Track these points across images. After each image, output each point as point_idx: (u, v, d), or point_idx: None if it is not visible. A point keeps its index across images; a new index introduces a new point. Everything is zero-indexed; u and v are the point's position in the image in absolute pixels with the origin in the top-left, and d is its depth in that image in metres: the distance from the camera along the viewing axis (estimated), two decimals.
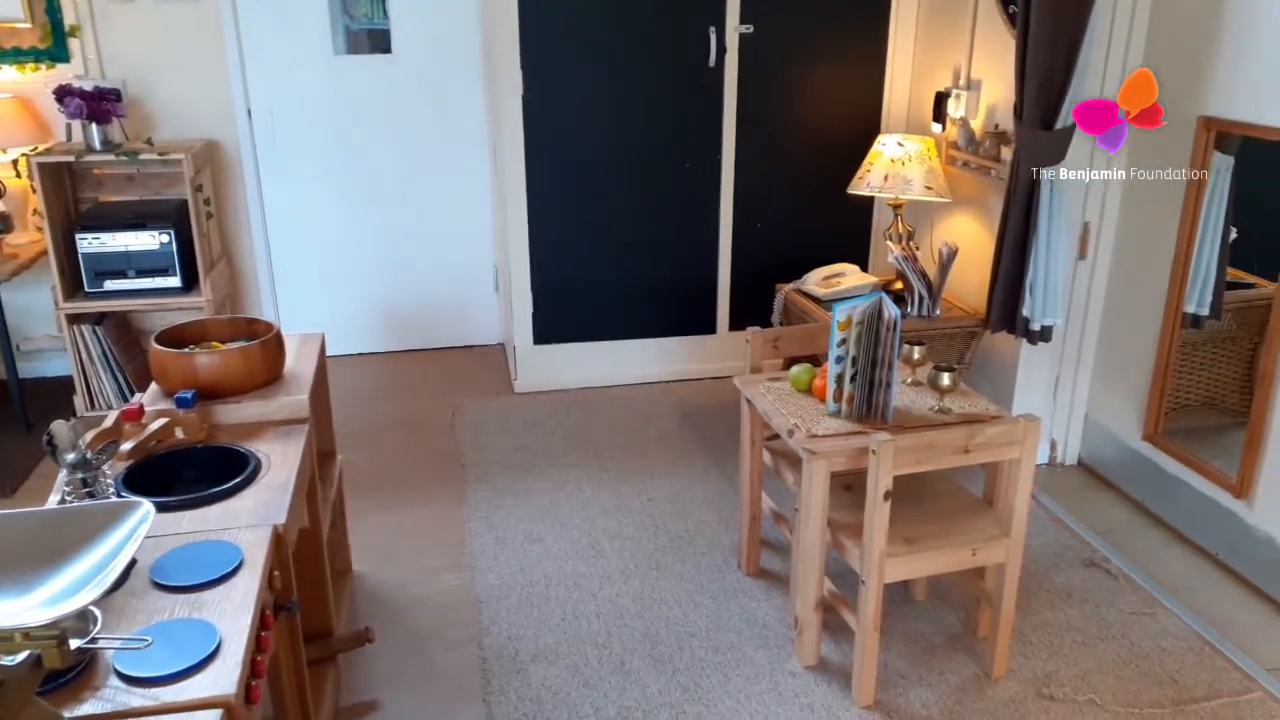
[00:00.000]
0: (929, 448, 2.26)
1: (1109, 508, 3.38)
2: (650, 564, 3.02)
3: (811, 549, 2.45)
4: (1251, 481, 2.87)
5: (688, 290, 4.35)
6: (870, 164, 3.78)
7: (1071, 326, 3.49)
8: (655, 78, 4.01)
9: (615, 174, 4.11)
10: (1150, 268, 3.21)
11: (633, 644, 2.65)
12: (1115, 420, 3.45)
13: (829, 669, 2.55)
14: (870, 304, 2.43)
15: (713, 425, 3.95)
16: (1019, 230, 3.18)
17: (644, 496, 3.42)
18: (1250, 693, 2.47)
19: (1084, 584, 2.93)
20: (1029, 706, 2.42)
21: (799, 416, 2.50)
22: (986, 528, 2.43)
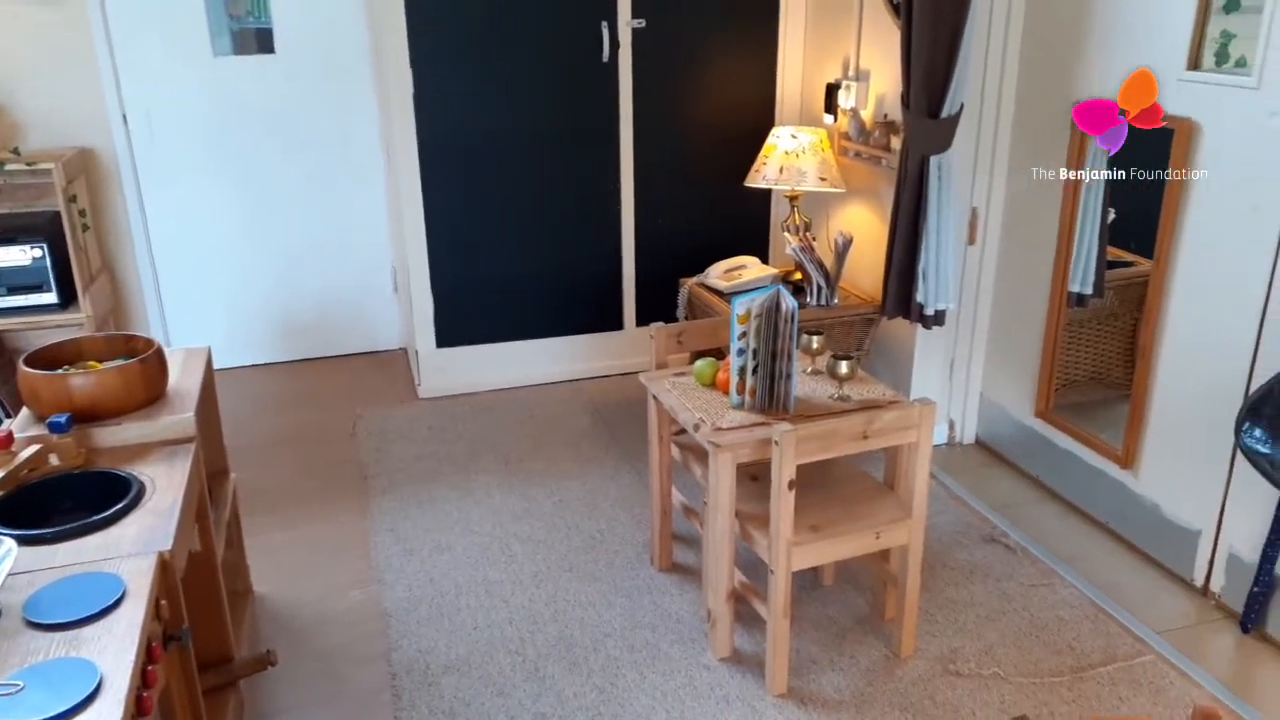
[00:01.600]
0: (829, 436, 2.29)
1: (1006, 484, 3.49)
2: (563, 566, 2.99)
3: (721, 541, 2.46)
4: (1136, 452, 2.99)
5: (593, 287, 4.33)
6: (765, 157, 3.82)
7: (964, 310, 3.59)
8: (550, 73, 3.97)
9: (513, 171, 4.06)
10: (1035, 250, 3.32)
11: (547, 648, 2.63)
12: (1009, 399, 3.57)
13: (743, 660, 2.57)
14: (768, 296, 2.44)
15: (623, 422, 3.94)
16: (910, 218, 3.25)
17: (555, 498, 3.38)
18: (1143, 655, 2.58)
19: (985, 560, 3.02)
20: (936, 684, 2.48)
21: (704, 411, 2.51)
22: (889, 511, 2.48)
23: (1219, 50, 2.58)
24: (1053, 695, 2.44)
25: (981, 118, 3.33)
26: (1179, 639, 2.64)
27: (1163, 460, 2.90)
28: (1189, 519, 2.83)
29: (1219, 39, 2.58)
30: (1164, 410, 2.88)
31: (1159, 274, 2.83)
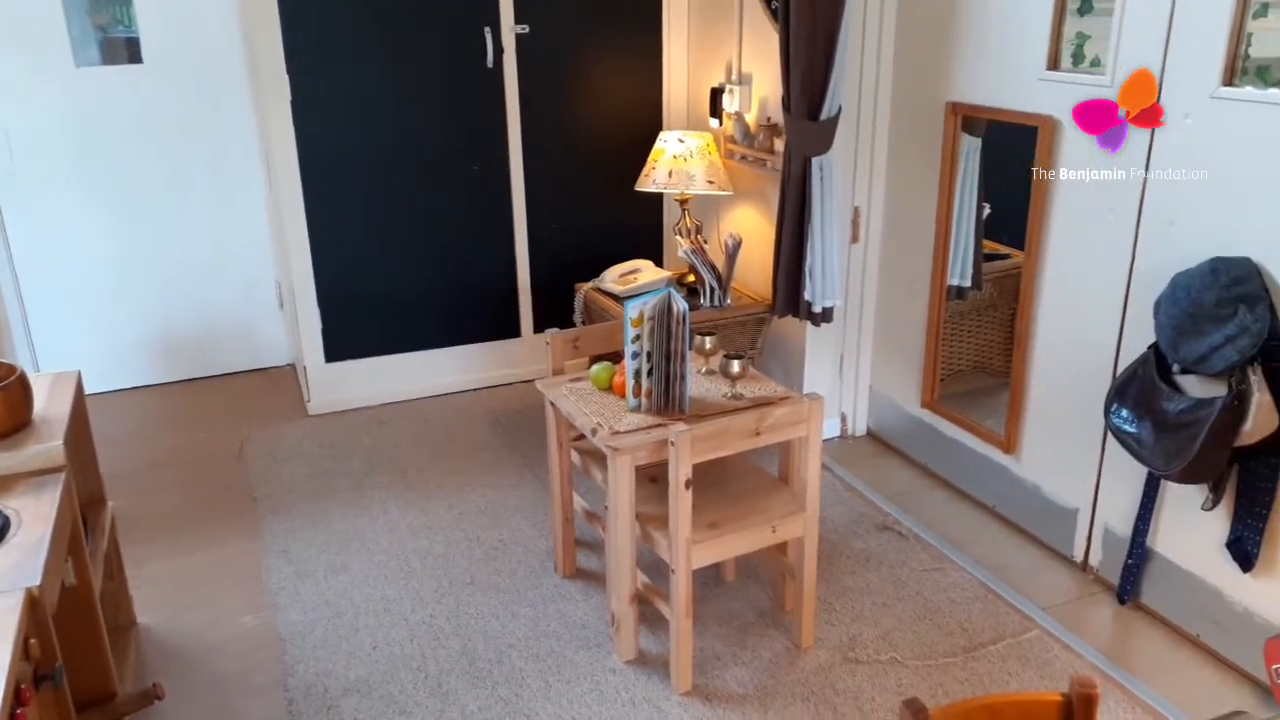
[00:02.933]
0: (723, 434, 2.32)
1: (897, 473, 3.59)
2: (464, 579, 2.95)
3: (622, 544, 2.46)
4: (1017, 437, 3.12)
5: (488, 295, 4.29)
6: (654, 161, 3.85)
7: (850, 306, 3.68)
8: (434, 80, 3.91)
9: (400, 180, 3.99)
10: (915, 246, 3.43)
11: (449, 664, 2.58)
12: (896, 390, 3.68)
13: (648, 661, 2.58)
14: (660, 299, 2.46)
15: (523, 430, 3.91)
16: (795, 218, 3.32)
17: (455, 510, 3.33)
18: (1030, 632, 2.69)
19: (880, 548, 3.10)
20: (837, 672, 2.54)
21: (601, 415, 2.51)
22: (784, 505, 2.52)
23: (1075, 51, 2.72)
24: (947, 676, 2.52)
25: (859, 119, 3.43)
26: (1062, 613, 2.77)
27: (1041, 444, 3.04)
28: (1067, 498, 2.96)
29: (1075, 40, 2.72)
30: (1041, 396, 3.01)
31: (1030, 266, 2.96)
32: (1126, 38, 2.52)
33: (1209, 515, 2.48)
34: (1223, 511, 2.45)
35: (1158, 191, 2.51)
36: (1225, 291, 2.23)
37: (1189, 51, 2.36)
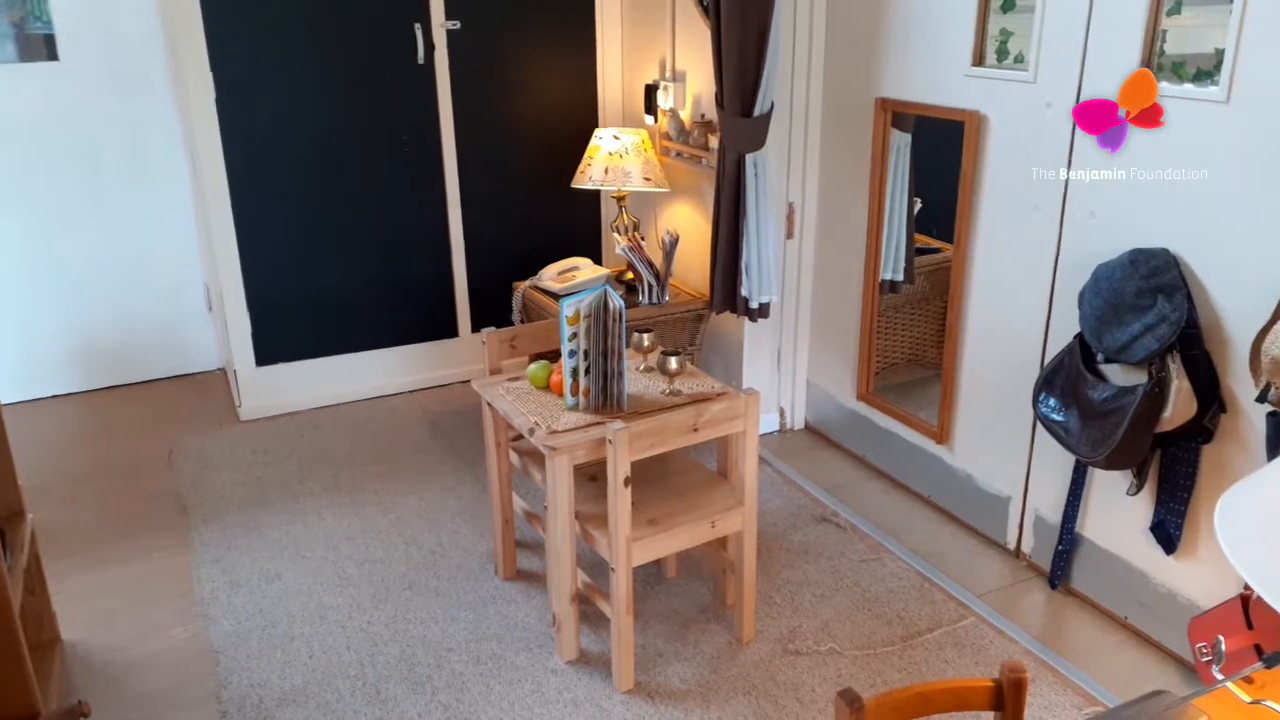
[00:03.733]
0: (661, 431, 2.32)
1: (835, 465, 3.63)
2: (403, 584, 2.91)
3: (562, 544, 2.45)
4: (949, 428, 3.18)
5: (424, 294, 4.23)
6: (590, 158, 3.83)
7: (787, 301, 3.72)
8: (364, 76, 3.85)
9: (331, 179, 3.92)
10: (848, 241, 3.47)
11: (388, 670, 2.54)
12: (833, 384, 3.72)
13: (590, 660, 2.57)
14: (595, 297, 2.45)
15: (462, 431, 3.87)
16: (731, 215, 3.33)
17: (392, 515, 3.28)
18: (965, 619, 2.74)
19: (818, 539, 3.14)
20: (777, 664, 2.56)
21: (539, 414, 2.49)
22: (723, 499, 2.53)
23: (999, 47, 2.77)
24: (885, 665, 2.56)
25: (792, 116, 3.46)
26: (996, 600, 2.83)
27: (973, 434, 3.10)
28: (999, 487, 3.03)
29: (999, 36, 2.77)
30: (972, 387, 3.07)
31: (959, 259, 3.01)
32: (1048, 34, 2.58)
33: (1134, 500, 2.55)
34: (1146, 496, 2.53)
35: (1081, 184, 2.57)
36: (1144, 282, 2.29)
37: (1107, 48, 2.43)
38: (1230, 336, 2.27)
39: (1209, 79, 2.24)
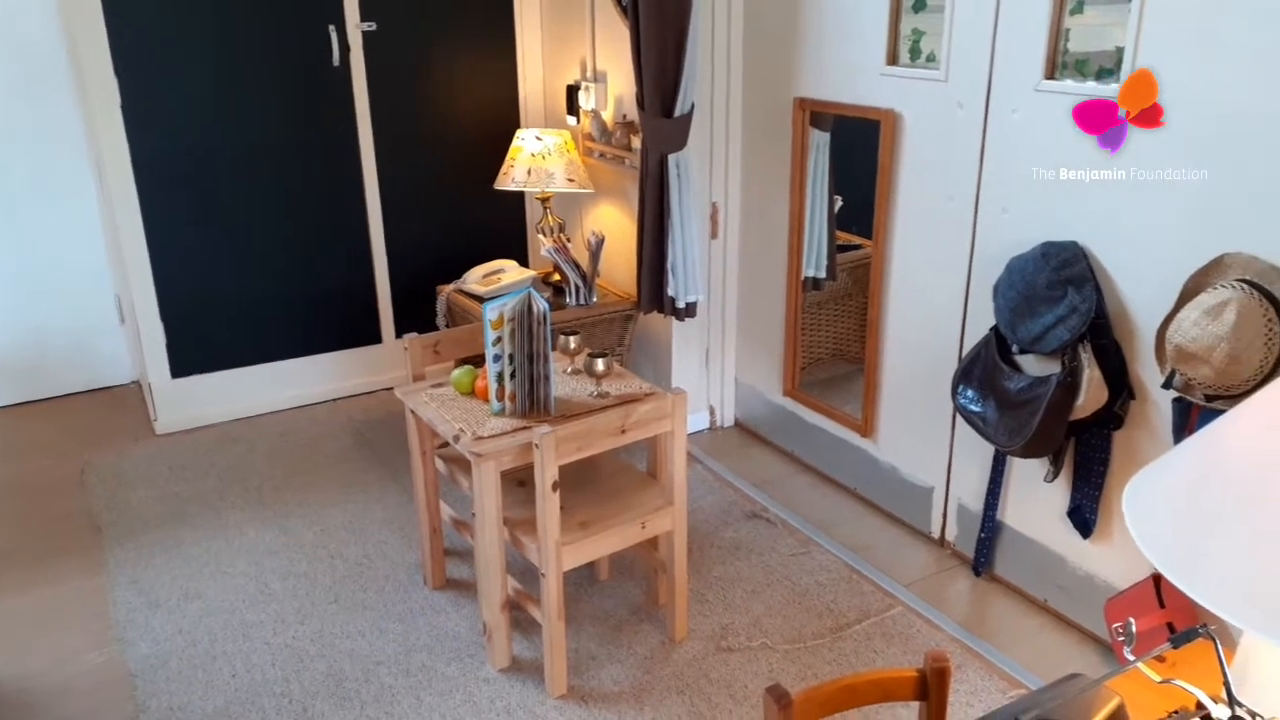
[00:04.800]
0: (588, 433, 2.30)
1: (764, 461, 3.66)
2: (329, 598, 2.85)
3: (490, 551, 2.42)
4: (873, 421, 3.23)
5: (345, 300, 4.15)
6: (513, 159, 3.80)
7: (713, 300, 3.74)
8: (277, 79, 3.76)
9: (246, 185, 3.81)
10: (771, 240, 3.50)
11: (314, 686, 2.48)
12: (760, 381, 3.75)
13: (523, 667, 2.55)
14: (519, 300, 2.43)
15: (388, 439, 3.80)
16: (655, 215, 3.34)
17: (317, 527, 3.21)
18: (893, 609, 2.79)
19: (749, 535, 3.16)
20: (710, 662, 2.57)
21: (464, 420, 2.46)
22: (652, 500, 2.53)
23: (912, 46, 2.83)
24: (816, 658, 2.58)
25: (713, 116, 3.48)
26: (922, 588, 2.88)
27: (896, 426, 3.15)
28: (923, 477, 3.08)
29: (911, 36, 2.82)
30: (894, 381, 3.12)
31: (879, 255, 3.06)
32: (957, 33, 2.63)
33: (1051, 487, 2.62)
34: (1063, 483, 2.60)
35: (992, 181, 2.63)
36: (1055, 274, 2.36)
37: (1014, 46, 2.49)
38: (1137, 325, 2.34)
39: (1111, 76, 2.31)
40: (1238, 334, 1.98)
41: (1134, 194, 2.29)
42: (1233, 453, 1.31)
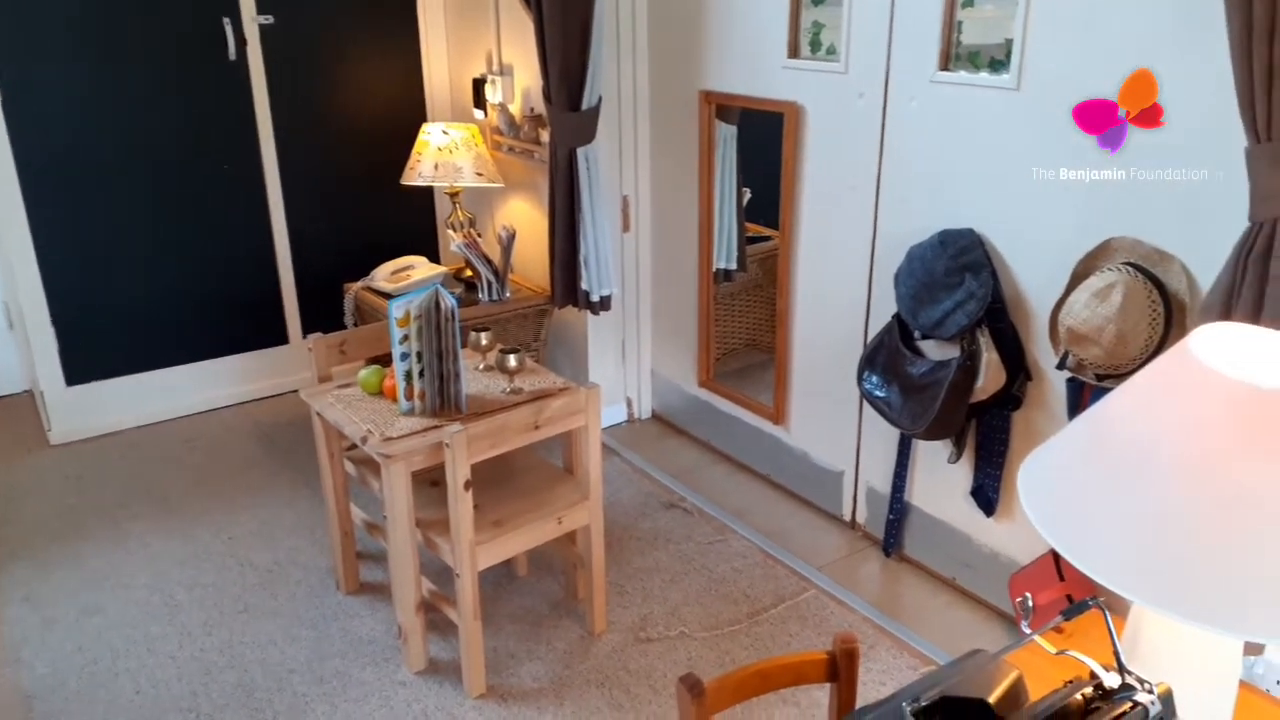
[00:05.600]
0: (501, 430, 2.29)
1: (681, 452, 3.69)
2: (237, 607, 2.77)
3: (403, 553, 2.38)
4: (785, 408, 3.28)
5: (249, 301, 4.03)
6: (419, 154, 3.74)
7: (627, 294, 3.74)
8: (170, 74, 3.62)
9: (140, 183, 3.67)
10: (682, 232, 3.52)
11: (224, 699, 2.41)
12: (676, 372, 3.77)
13: (440, 669, 2.52)
14: (426, 296, 2.39)
15: (297, 443, 3.71)
16: (566, 209, 3.32)
17: (225, 535, 3.12)
18: (806, 592, 2.84)
19: (667, 526, 3.18)
20: (629, 653, 2.58)
21: (372, 421, 2.41)
22: (568, 495, 2.53)
23: (813, 39, 2.87)
24: (733, 643, 2.61)
25: (621, 109, 3.48)
26: (835, 571, 2.94)
27: (807, 413, 3.21)
28: (833, 462, 3.14)
29: (811, 28, 2.86)
30: (803, 368, 3.18)
31: (785, 246, 3.10)
32: (856, 26, 2.68)
33: (954, 467, 2.70)
34: (966, 463, 2.68)
35: (892, 171, 2.69)
36: (953, 261, 2.43)
37: (910, 38, 2.55)
38: (1032, 309, 2.43)
39: (1003, 67, 2.38)
40: (1124, 315, 2.06)
41: (1024, 182, 2.36)
42: (1116, 429, 1.37)
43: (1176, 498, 1.26)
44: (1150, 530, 1.28)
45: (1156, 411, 1.32)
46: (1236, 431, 1.23)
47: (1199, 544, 1.23)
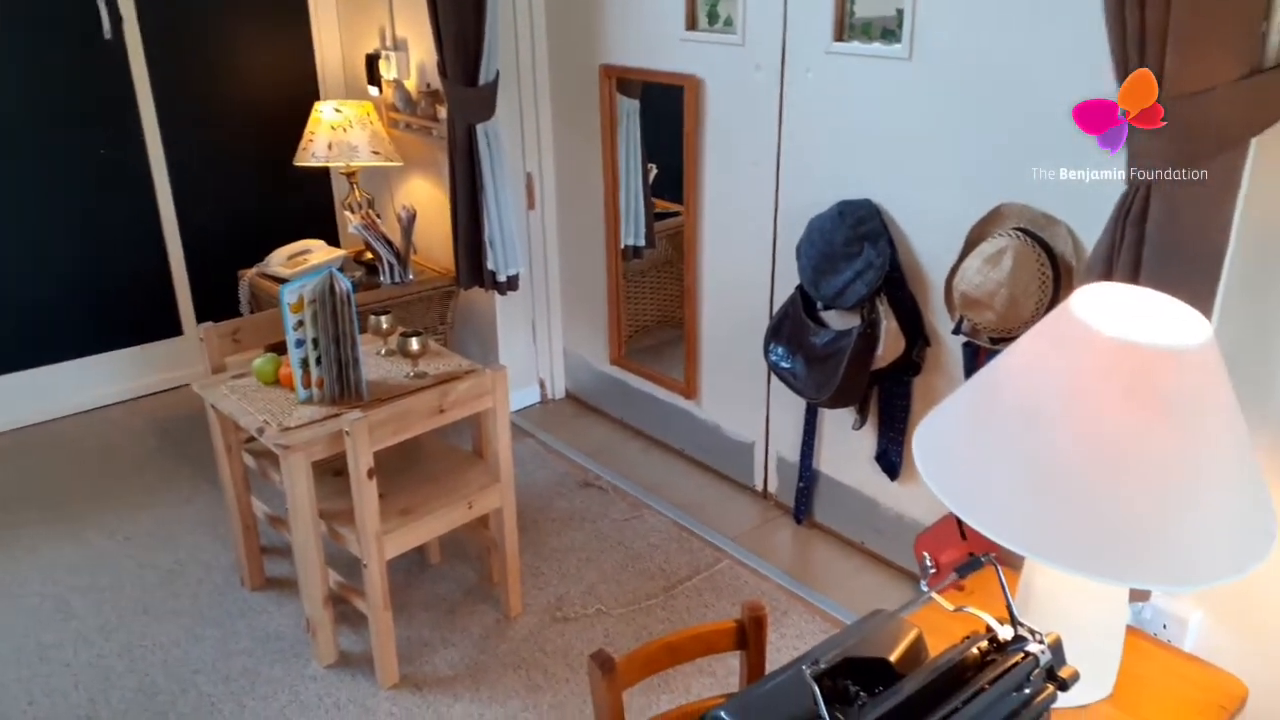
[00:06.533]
0: (404, 416, 2.24)
1: (596, 430, 3.68)
2: (137, 609, 2.66)
3: (308, 546, 2.32)
4: (695, 383, 3.29)
5: (138, 292, 3.85)
6: (313, 133, 3.62)
7: (535, 273, 3.70)
8: (38, 53, 3.41)
9: (13, 171, 3.47)
10: (588, 209, 3.49)
11: (124, 705, 2.32)
12: (588, 351, 3.75)
13: (352, 661, 2.46)
14: (320, 280, 2.32)
15: (196, 437, 3.57)
16: (467, 187, 3.26)
17: (120, 536, 2.99)
18: (721, 562, 2.86)
19: (583, 505, 3.17)
20: (546, 634, 2.56)
21: (269, 412, 2.34)
22: (478, 479, 2.49)
23: (710, 11, 2.86)
24: (650, 618, 2.62)
25: (520, 84, 3.42)
26: (748, 540, 2.97)
27: (717, 387, 3.22)
28: (744, 434, 3.17)
29: (708, 1, 2.85)
30: (712, 342, 3.19)
31: (690, 220, 3.10)
32: None
33: (859, 434, 2.75)
34: (870, 430, 2.73)
35: (791, 143, 2.71)
36: (852, 231, 2.46)
37: (805, 9, 2.56)
38: (928, 276, 2.47)
39: (894, 38, 2.41)
40: (1015, 279, 2.12)
41: (917, 151, 2.40)
42: (1003, 391, 1.40)
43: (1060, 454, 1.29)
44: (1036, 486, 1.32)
45: (1041, 371, 1.35)
46: (1116, 387, 1.28)
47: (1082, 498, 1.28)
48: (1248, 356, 1.74)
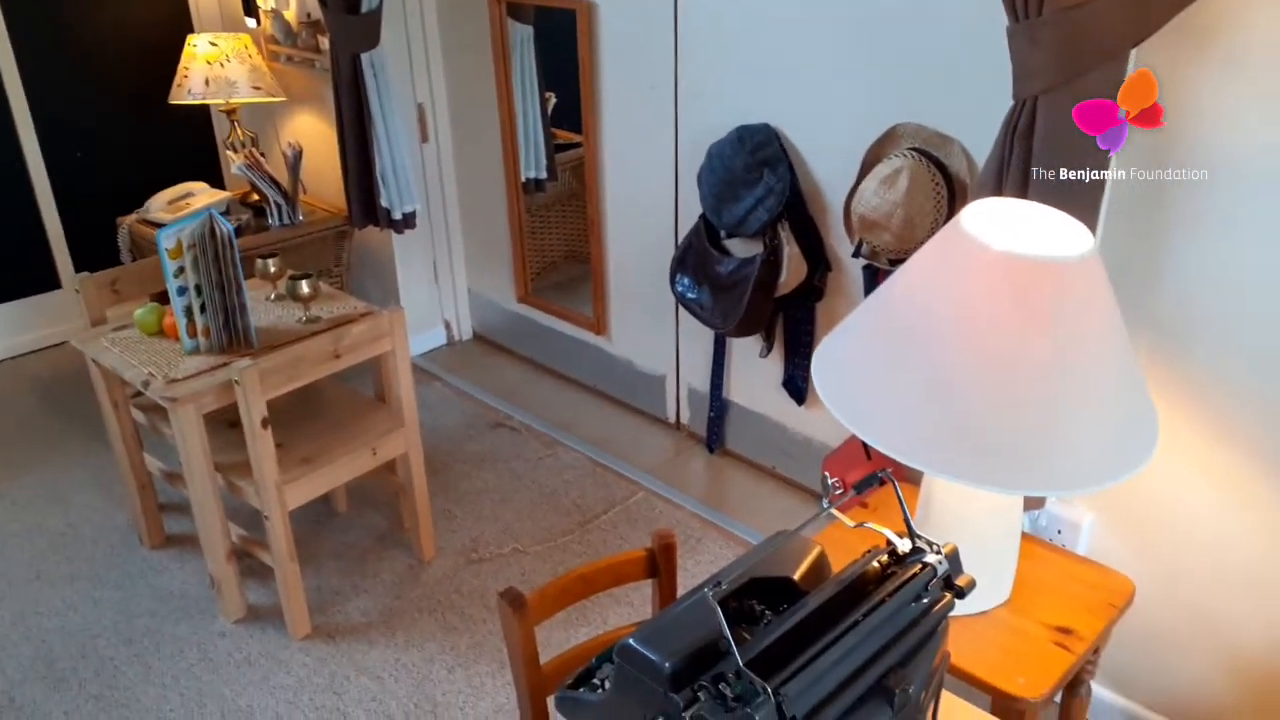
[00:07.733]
0: (296, 363, 2.16)
1: (505, 370, 3.63)
2: (29, 575, 2.55)
3: (206, 500, 2.24)
4: (605, 318, 3.26)
5: (7, 245, 3.62)
6: (187, 68, 3.41)
7: (434, 209, 3.59)
8: None
9: None
10: (485, 141, 3.39)
11: (20, 674, 2.23)
12: (493, 290, 3.68)
13: (261, 614, 2.41)
14: (199, 224, 2.20)
15: (82, 394, 3.37)
16: (355, 121, 3.12)
17: (5, 501, 2.85)
18: (635, 495, 2.87)
19: (494, 446, 3.13)
20: (462, 575, 2.54)
21: (154, 364, 2.23)
22: (382, 424, 2.43)
23: None
24: (566, 553, 2.63)
25: (406, 10, 3.27)
26: (663, 472, 2.98)
27: (626, 321, 3.20)
28: (655, 367, 3.17)
29: None
30: (619, 276, 3.15)
31: (591, 151, 3.03)
32: None
33: (766, 361, 2.77)
34: (776, 356, 2.75)
35: (688, 64, 2.65)
36: (751, 157, 2.43)
37: None
38: (828, 201, 2.47)
39: None
40: (910, 199, 2.13)
41: (813, 74, 2.38)
42: (897, 309, 1.41)
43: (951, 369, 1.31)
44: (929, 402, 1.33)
45: (933, 287, 1.36)
46: (1004, 299, 1.29)
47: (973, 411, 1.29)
48: (1133, 265, 1.78)
